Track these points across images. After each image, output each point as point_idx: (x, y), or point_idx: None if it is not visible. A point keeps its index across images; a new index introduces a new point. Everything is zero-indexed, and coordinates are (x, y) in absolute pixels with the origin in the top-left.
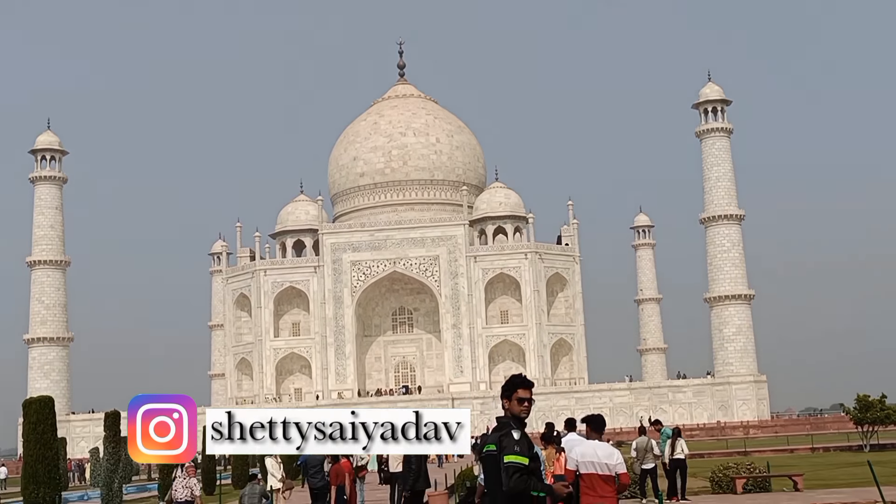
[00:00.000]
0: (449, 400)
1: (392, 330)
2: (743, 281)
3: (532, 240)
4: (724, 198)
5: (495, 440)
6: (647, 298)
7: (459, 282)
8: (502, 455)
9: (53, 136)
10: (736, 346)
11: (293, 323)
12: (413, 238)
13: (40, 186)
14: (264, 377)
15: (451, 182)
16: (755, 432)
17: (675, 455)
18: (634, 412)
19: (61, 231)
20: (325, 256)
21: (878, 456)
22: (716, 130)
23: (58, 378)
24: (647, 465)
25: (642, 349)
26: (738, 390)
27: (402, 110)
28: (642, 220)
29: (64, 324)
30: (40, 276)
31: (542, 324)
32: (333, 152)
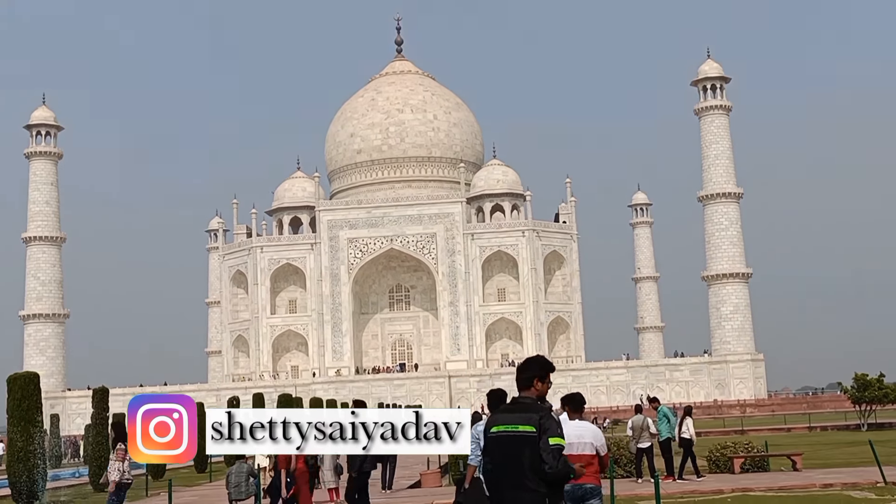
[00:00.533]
0: (445, 378)
1: (389, 307)
2: (741, 259)
3: (529, 217)
4: (723, 176)
5: (532, 421)
6: (645, 277)
7: (457, 259)
8: (547, 436)
9: (49, 112)
10: (733, 325)
11: (290, 300)
12: (410, 215)
13: (35, 162)
14: (261, 354)
15: (448, 159)
16: (752, 411)
17: (682, 434)
18: (631, 390)
19: (56, 207)
20: (321, 233)
21: (877, 435)
22: (715, 108)
23: (53, 354)
24: (642, 444)
25: (639, 327)
26: (735, 369)
27: (400, 87)
28: (640, 199)
29: (60, 300)
30: (36, 253)
31: (539, 302)
32: (330, 129)
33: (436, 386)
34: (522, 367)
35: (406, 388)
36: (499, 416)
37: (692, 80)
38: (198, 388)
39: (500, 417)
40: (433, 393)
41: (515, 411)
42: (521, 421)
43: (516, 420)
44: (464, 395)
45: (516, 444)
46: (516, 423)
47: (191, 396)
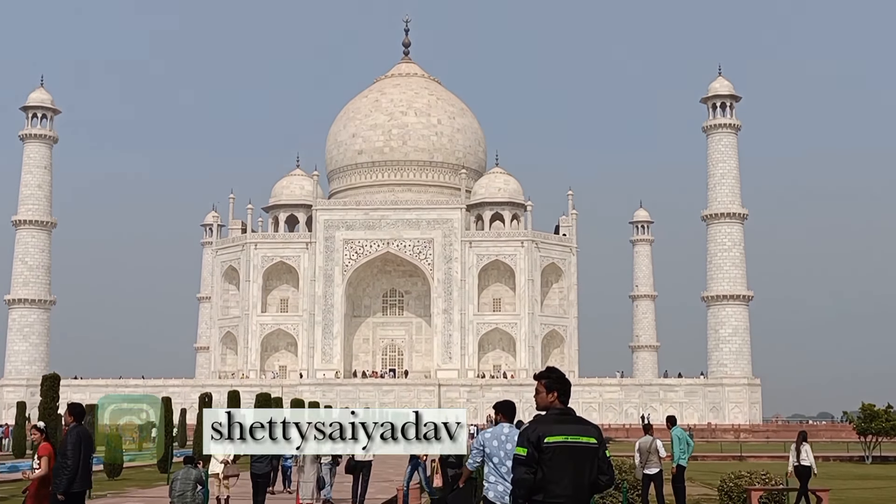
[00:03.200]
0: (436, 386)
1: (382, 312)
2: (742, 281)
3: (529, 228)
4: (728, 195)
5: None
6: (643, 295)
7: (453, 266)
8: (604, 449)
9: (46, 94)
10: (731, 348)
11: (281, 299)
12: (408, 219)
13: (30, 144)
14: (249, 352)
15: (450, 165)
16: (746, 436)
17: (801, 461)
18: (624, 409)
19: (49, 191)
20: (317, 233)
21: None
22: (723, 126)
23: (37, 341)
24: (650, 470)
25: (634, 346)
26: (731, 392)
27: (405, 89)
28: (641, 216)
29: (47, 286)
30: (25, 237)
31: (534, 314)
32: (332, 128)
33: (425, 394)
34: (563, 379)
35: (395, 395)
36: (554, 427)
37: (702, 97)
38: (182, 383)
39: (558, 428)
40: (422, 401)
41: (570, 422)
42: (582, 432)
43: (578, 431)
44: (453, 404)
45: (581, 454)
46: (578, 434)
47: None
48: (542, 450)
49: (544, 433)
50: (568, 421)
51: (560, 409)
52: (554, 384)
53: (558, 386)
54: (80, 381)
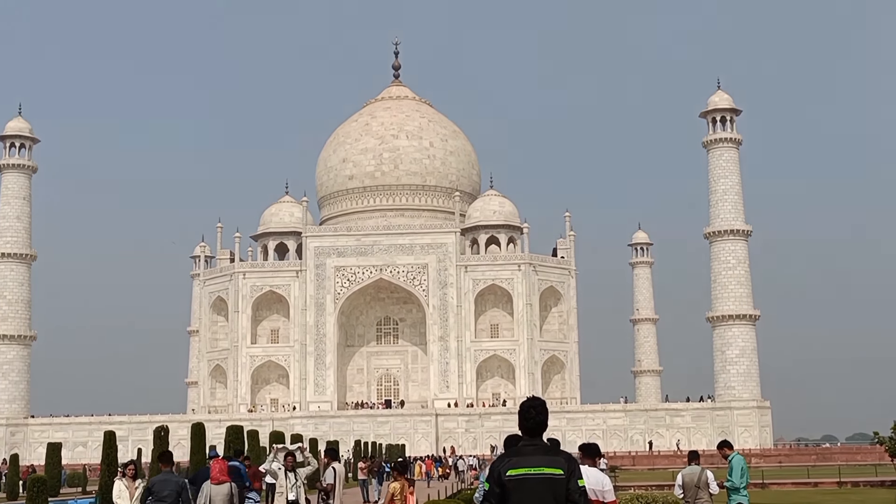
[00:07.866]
0: (433, 416)
1: (376, 340)
2: (748, 300)
3: (526, 251)
4: (731, 212)
5: (559, 464)
6: (644, 318)
7: (448, 292)
8: (575, 479)
9: (24, 123)
10: (739, 370)
11: (272, 329)
12: (402, 245)
13: (8, 174)
14: (239, 386)
15: (443, 188)
16: (757, 461)
17: None
18: (629, 435)
19: (28, 223)
20: (307, 260)
21: None
22: (724, 141)
23: (17, 379)
24: None
25: (637, 371)
26: (739, 416)
27: (396, 112)
28: (641, 238)
29: (27, 321)
30: (3, 270)
31: (533, 339)
32: (322, 153)
33: (422, 424)
34: (540, 409)
35: (390, 426)
36: (519, 459)
37: (701, 112)
38: (169, 418)
39: (522, 460)
40: (419, 432)
41: (537, 454)
42: (546, 463)
43: (542, 462)
44: (451, 435)
45: (545, 486)
46: (542, 466)
47: None
48: (503, 484)
49: (506, 467)
50: (535, 452)
51: (526, 441)
52: (530, 419)
53: (520, 419)
54: (62, 420)
